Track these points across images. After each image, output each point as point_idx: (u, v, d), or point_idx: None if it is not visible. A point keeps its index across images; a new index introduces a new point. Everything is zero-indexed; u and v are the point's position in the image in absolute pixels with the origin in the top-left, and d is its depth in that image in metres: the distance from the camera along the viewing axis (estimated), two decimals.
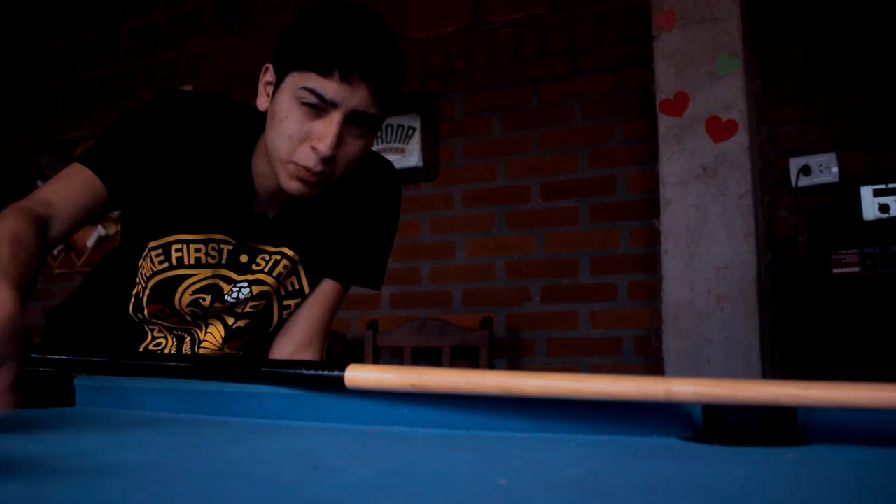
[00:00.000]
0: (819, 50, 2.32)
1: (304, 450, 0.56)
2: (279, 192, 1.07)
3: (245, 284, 1.12)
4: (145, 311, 1.12)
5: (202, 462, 0.51)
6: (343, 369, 0.65)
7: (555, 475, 0.47)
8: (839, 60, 2.29)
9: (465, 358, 2.57)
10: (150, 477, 0.45)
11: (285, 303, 1.17)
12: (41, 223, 0.91)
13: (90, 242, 3.48)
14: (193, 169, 1.04)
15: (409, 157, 2.82)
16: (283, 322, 1.19)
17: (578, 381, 0.56)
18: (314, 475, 0.46)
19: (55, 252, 3.55)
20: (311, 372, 0.67)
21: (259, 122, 1.05)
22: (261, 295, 1.13)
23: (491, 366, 2.42)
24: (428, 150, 2.81)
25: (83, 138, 3.60)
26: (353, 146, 0.97)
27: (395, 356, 2.69)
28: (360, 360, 2.48)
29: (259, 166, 1.06)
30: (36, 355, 0.81)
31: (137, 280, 1.14)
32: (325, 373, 0.66)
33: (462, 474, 0.47)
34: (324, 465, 0.50)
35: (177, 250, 1.08)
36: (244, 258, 1.11)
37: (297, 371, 0.68)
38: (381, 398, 0.66)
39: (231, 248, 1.10)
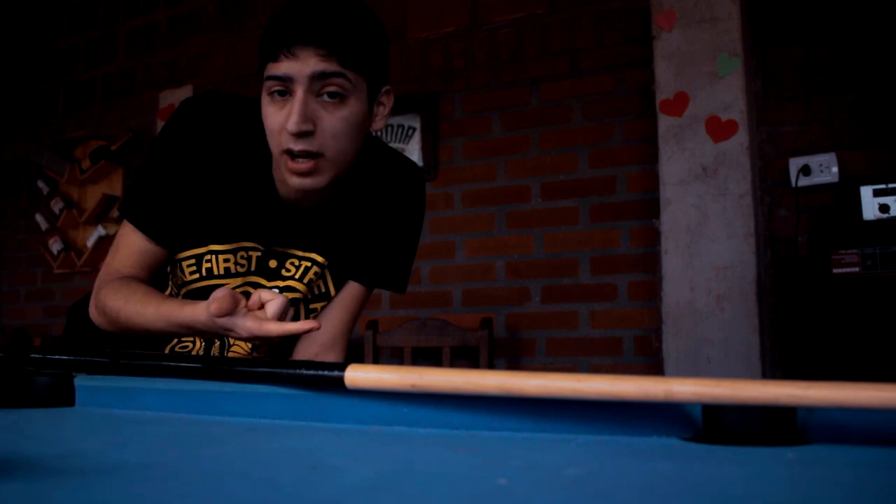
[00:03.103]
0: (819, 50, 2.32)
1: (304, 450, 0.56)
2: (299, 197, 1.07)
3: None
4: None
5: (202, 462, 0.51)
6: (343, 369, 0.65)
7: (555, 475, 0.47)
8: (839, 60, 2.29)
9: (465, 358, 2.57)
10: (150, 477, 0.45)
11: (312, 306, 1.18)
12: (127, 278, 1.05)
13: (90, 242, 3.48)
14: (221, 181, 1.05)
15: (409, 157, 2.81)
16: None
17: (578, 381, 0.56)
18: (314, 475, 0.46)
19: (55, 252, 3.55)
20: (311, 372, 0.67)
21: None
22: (292, 301, 1.13)
23: (491, 366, 2.42)
24: (428, 150, 2.81)
25: (83, 138, 3.60)
26: (332, 119, 0.95)
27: (395, 356, 2.69)
28: (360, 360, 2.48)
29: (277, 173, 1.06)
30: (36, 355, 0.81)
31: (169, 285, 1.14)
32: (325, 373, 0.66)
33: (462, 474, 0.47)
34: (324, 465, 0.50)
35: (206, 261, 1.09)
36: (273, 263, 1.11)
37: (297, 371, 0.68)
38: (381, 398, 0.66)
39: (260, 254, 1.10)
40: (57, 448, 0.55)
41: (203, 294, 1.09)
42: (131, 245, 1.07)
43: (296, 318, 1.18)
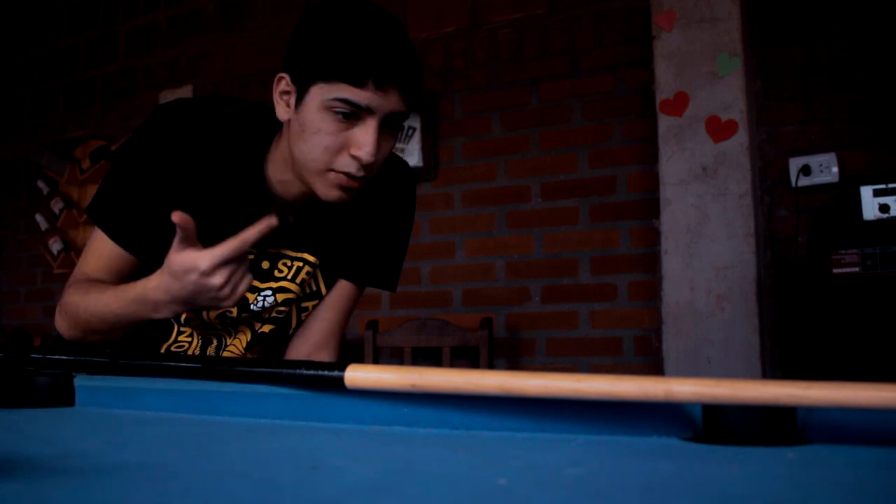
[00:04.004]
0: (819, 50, 2.32)
1: (304, 450, 0.56)
2: (297, 198, 1.05)
3: (269, 292, 1.12)
4: (182, 318, 1.12)
5: (202, 462, 0.51)
6: (343, 369, 0.65)
7: (555, 475, 0.47)
8: (839, 60, 2.29)
9: (465, 358, 2.57)
10: (150, 477, 0.45)
11: (304, 304, 1.17)
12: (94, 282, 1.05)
13: None
14: (205, 188, 1.03)
15: (409, 157, 2.81)
16: (301, 323, 1.19)
17: (578, 381, 0.56)
18: (314, 475, 0.46)
19: (55, 252, 3.55)
20: (311, 372, 0.67)
21: (269, 125, 1.03)
22: (285, 302, 1.13)
23: (491, 366, 2.42)
24: (428, 150, 2.81)
25: (83, 138, 3.60)
26: (385, 147, 0.97)
27: (395, 356, 2.69)
28: (360, 360, 2.47)
29: (275, 173, 1.04)
30: (36, 355, 0.81)
31: None
32: (325, 373, 0.66)
33: (462, 474, 0.47)
34: (324, 465, 0.50)
35: None
36: (265, 264, 1.11)
37: (297, 371, 0.68)
38: (381, 398, 0.66)
39: (252, 256, 1.09)
40: (57, 448, 0.55)
41: None
42: (99, 249, 1.05)
43: (287, 318, 1.17)
